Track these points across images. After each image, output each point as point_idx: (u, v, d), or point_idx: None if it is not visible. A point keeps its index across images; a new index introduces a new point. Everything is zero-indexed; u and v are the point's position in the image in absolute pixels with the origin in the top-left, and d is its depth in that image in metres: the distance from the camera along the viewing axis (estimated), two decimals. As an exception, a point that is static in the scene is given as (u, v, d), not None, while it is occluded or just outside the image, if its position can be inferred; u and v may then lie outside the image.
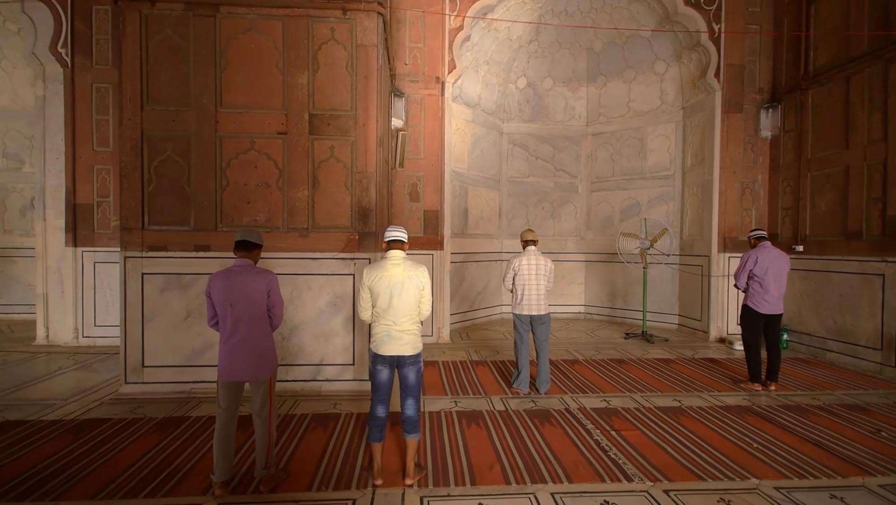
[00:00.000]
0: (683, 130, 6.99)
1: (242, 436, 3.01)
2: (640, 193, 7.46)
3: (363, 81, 4.04)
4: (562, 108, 7.97)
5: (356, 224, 4.06)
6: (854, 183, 5.07)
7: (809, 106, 5.67)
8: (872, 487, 2.58)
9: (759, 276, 4.18)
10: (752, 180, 6.32)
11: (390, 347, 2.53)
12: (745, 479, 2.64)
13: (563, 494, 2.48)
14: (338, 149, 4.05)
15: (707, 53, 6.24)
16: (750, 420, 3.53)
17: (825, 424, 3.47)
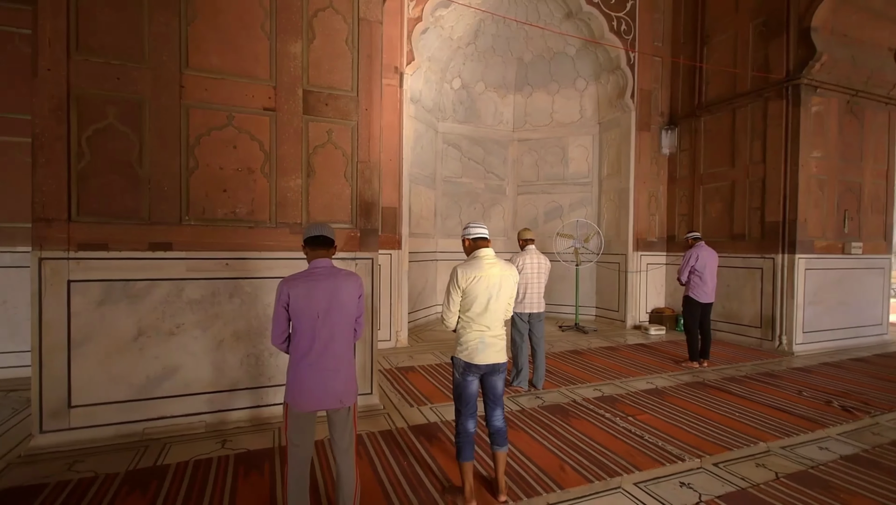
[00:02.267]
0: (600, 143, 7.88)
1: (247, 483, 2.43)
2: (562, 197, 8.17)
3: (366, 61, 3.61)
4: (492, 113, 8.27)
5: (358, 220, 3.61)
6: (739, 195, 6.37)
7: (702, 130, 6.92)
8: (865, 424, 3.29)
9: (699, 270, 4.97)
10: (656, 190, 7.46)
11: (486, 355, 2.33)
12: (755, 443, 3.11)
13: (643, 482, 2.59)
14: (336, 133, 3.54)
15: (625, 77, 7.14)
16: (713, 393, 4.17)
17: (770, 391, 4.29)
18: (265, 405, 3.36)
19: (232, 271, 3.24)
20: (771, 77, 5.92)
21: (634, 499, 2.42)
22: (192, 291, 3.15)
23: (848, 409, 3.76)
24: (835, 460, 2.87)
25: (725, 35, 6.59)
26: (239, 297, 3.27)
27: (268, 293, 3.33)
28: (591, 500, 2.41)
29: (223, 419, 3.24)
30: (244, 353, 3.30)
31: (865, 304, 6.33)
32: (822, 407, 3.82)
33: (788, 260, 5.77)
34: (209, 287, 3.19)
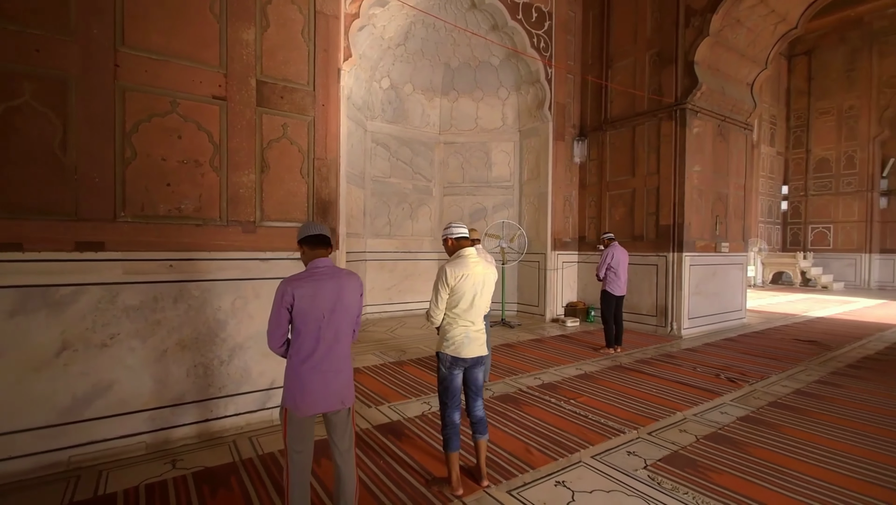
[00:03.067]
0: (521, 149, 8.45)
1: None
2: (486, 199, 8.60)
3: (323, 55, 3.51)
4: (419, 115, 8.40)
5: (314, 218, 3.50)
6: (638, 201, 7.31)
7: (608, 143, 7.81)
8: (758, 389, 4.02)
9: (615, 267, 5.64)
10: (570, 195, 8.22)
11: (472, 349, 2.47)
12: (673, 414, 3.68)
13: (598, 455, 2.94)
14: (292, 128, 3.40)
15: (543, 90, 7.77)
16: (631, 374, 4.79)
17: (672, 369, 5.03)
18: (215, 418, 3.11)
19: (177, 274, 2.95)
20: (663, 100, 6.91)
21: (595, 470, 2.73)
22: (130, 296, 2.80)
23: (732, 379, 4.60)
24: (733, 421, 3.52)
25: (626, 61, 7.52)
26: (185, 301, 2.98)
27: (218, 296, 3.09)
28: (560, 474, 2.67)
29: (167, 438, 2.93)
30: (191, 363, 3.02)
31: (731, 293, 7.69)
32: (713, 379, 4.61)
33: (677, 258, 6.79)
34: (150, 291, 2.87)
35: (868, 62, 14.29)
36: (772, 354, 5.68)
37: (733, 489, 2.50)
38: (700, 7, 6.52)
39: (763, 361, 5.32)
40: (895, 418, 3.58)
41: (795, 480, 2.61)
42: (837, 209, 15.25)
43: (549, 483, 2.57)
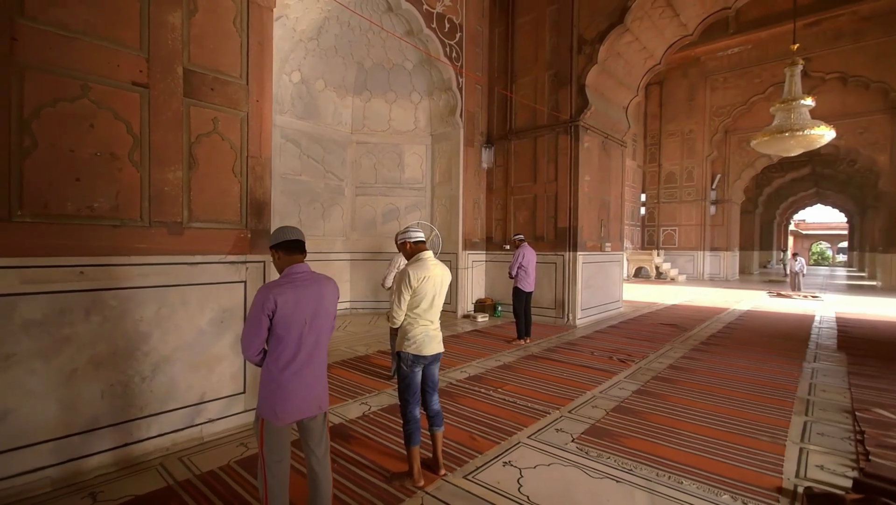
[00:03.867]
0: (433, 153, 8.73)
1: None
2: (398, 200, 8.71)
3: (257, 48, 3.34)
4: (331, 112, 8.19)
5: (248, 220, 3.31)
6: (539, 205, 8.08)
7: (513, 151, 8.47)
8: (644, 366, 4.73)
9: (525, 266, 6.20)
10: (478, 198, 8.74)
11: (432, 346, 2.62)
12: (583, 393, 4.25)
13: (532, 435, 3.29)
14: (224, 123, 3.17)
15: (455, 97, 8.14)
16: (542, 361, 5.34)
17: (575, 355, 5.71)
18: (136, 441, 2.78)
19: (89, 282, 2.58)
20: (560, 116, 7.75)
21: (533, 448, 3.07)
22: (30, 309, 2.39)
23: (622, 360, 5.40)
24: (630, 395, 4.18)
25: (528, 78, 8.25)
26: (100, 313, 2.63)
27: (140, 306, 2.78)
28: (505, 456, 2.96)
29: (78, 469, 2.56)
30: (107, 382, 2.67)
31: (611, 286, 8.91)
32: (608, 361, 5.37)
33: (573, 256, 7.68)
34: (55, 303, 2.47)
35: (703, 94, 17.49)
36: (647, 337, 6.76)
37: (642, 450, 3.03)
38: (590, 38, 7.45)
39: (642, 343, 6.32)
40: (739, 381, 4.59)
41: (684, 438, 3.25)
42: (681, 214, 18.39)
43: (497, 464, 2.83)
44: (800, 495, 2.49)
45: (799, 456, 2.99)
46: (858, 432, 3.33)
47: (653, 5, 7.21)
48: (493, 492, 2.50)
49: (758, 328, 7.68)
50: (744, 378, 4.72)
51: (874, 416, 3.63)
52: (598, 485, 2.59)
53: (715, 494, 2.49)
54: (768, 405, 3.91)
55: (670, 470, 2.76)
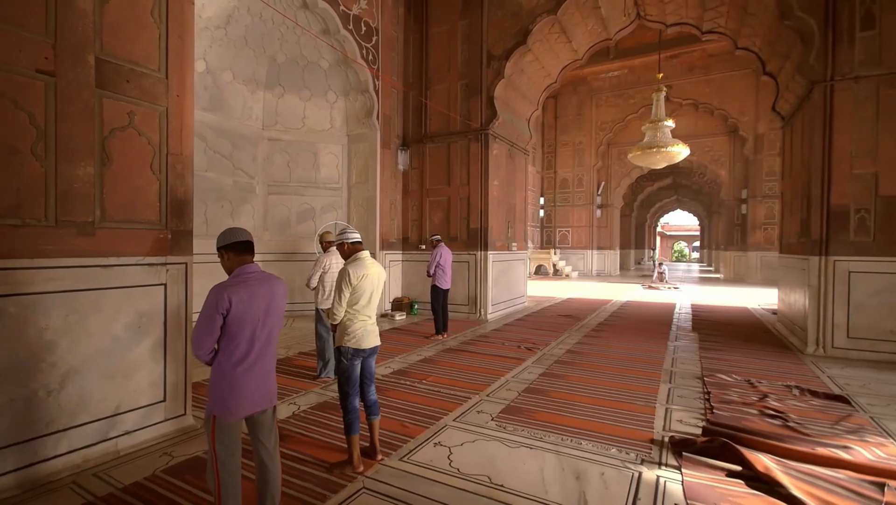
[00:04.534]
0: (349, 153, 8.73)
1: None
2: (314, 200, 8.57)
3: (177, 41, 3.20)
4: (240, 106, 7.78)
5: (168, 220, 3.17)
6: (453, 207, 8.55)
7: (428, 154, 8.83)
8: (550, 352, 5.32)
9: (443, 265, 6.58)
10: (395, 199, 8.94)
11: (370, 340, 2.81)
12: (498, 379, 4.72)
13: (457, 418, 3.64)
14: (140, 117, 3.01)
15: (372, 99, 8.26)
16: (460, 354, 5.75)
17: (488, 346, 6.22)
18: (42, 460, 2.56)
19: (-15, 287, 2.33)
20: (472, 125, 8.29)
21: (459, 428, 3.41)
22: None
23: (529, 348, 6.04)
24: (537, 377, 4.74)
25: (442, 85, 8.67)
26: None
27: (45, 313, 2.56)
28: (434, 438, 3.25)
29: (-29, 497, 2.30)
30: (7, 397, 2.42)
31: (517, 283, 9.72)
32: (517, 350, 5.96)
33: (484, 256, 8.27)
34: (-58, 312, 2.20)
35: (590, 110, 19.60)
36: (548, 327, 7.57)
37: (549, 421, 3.54)
38: (498, 54, 8.09)
39: (544, 333, 7.08)
40: (621, 360, 5.44)
41: (581, 409, 3.84)
42: (573, 217, 20.41)
43: (428, 446, 3.12)
44: (665, 443, 3.15)
45: (665, 414, 3.73)
46: (706, 393, 4.23)
47: (550, 30, 8.06)
48: (427, 469, 2.78)
49: (634, 316, 8.99)
50: (624, 357, 5.60)
51: (717, 379, 4.60)
52: (516, 453, 3.01)
53: (605, 449, 3.05)
54: (643, 377, 4.73)
55: (571, 434, 3.28)
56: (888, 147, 5.43)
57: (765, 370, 5.02)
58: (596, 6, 7.86)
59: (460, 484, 2.59)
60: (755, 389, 4.27)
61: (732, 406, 3.83)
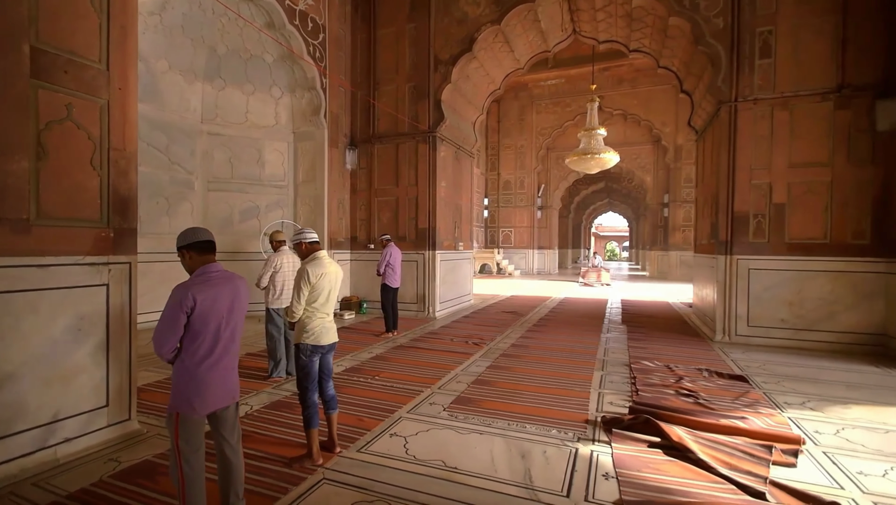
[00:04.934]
0: (295, 151, 8.57)
1: None
2: (258, 198, 8.32)
3: (119, 31, 3.09)
4: (177, 97, 7.40)
5: (111, 218, 3.05)
6: (401, 207, 8.67)
7: (376, 154, 8.88)
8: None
9: (393, 264, 6.70)
10: (343, 198, 8.90)
11: (329, 336, 2.91)
12: (448, 372, 4.94)
13: (411, 410, 3.80)
14: (80, 110, 2.88)
15: (319, 97, 8.17)
16: (410, 350, 5.92)
17: (438, 342, 6.42)
18: (-29, 474, 2.40)
19: None
20: (420, 127, 8.46)
21: (413, 420, 3.58)
22: None
23: (476, 343, 6.32)
24: (485, 370, 5.02)
25: (391, 86, 8.76)
26: (-80, 326, 2.21)
27: (-25, 316, 2.40)
28: (390, 429, 3.39)
29: None
30: (-70, 407, 2.26)
31: (464, 281, 10.03)
32: (465, 345, 6.22)
33: (432, 255, 8.47)
34: None
35: (531, 116, 20.47)
36: (493, 323, 7.93)
37: (497, 409, 3.80)
38: (445, 59, 8.32)
39: (490, 328, 7.41)
40: (560, 351, 5.87)
41: (525, 396, 4.15)
42: (516, 217, 21.21)
43: (385, 437, 3.26)
44: (598, 422, 3.52)
45: (598, 398, 4.13)
46: (632, 378, 4.71)
47: (494, 39, 8.42)
48: (385, 458, 2.93)
49: (572, 311, 9.62)
50: (563, 348, 6.05)
51: (641, 366, 5.13)
52: (467, 438, 3.23)
53: (547, 431, 3.36)
54: (579, 366, 5.17)
55: (517, 420, 3.56)
56: (779, 161, 6.30)
57: (681, 356, 5.65)
58: (536, 20, 8.33)
59: (417, 469, 2.77)
60: (673, 373, 4.83)
61: (654, 388, 4.32)
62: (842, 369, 5.13)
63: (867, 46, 5.92)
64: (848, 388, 4.46)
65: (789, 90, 6.21)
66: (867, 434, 3.35)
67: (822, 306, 6.15)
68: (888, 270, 5.82)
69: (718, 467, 2.74)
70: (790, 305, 6.27)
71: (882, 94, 5.83)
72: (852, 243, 6.04)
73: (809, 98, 6.14)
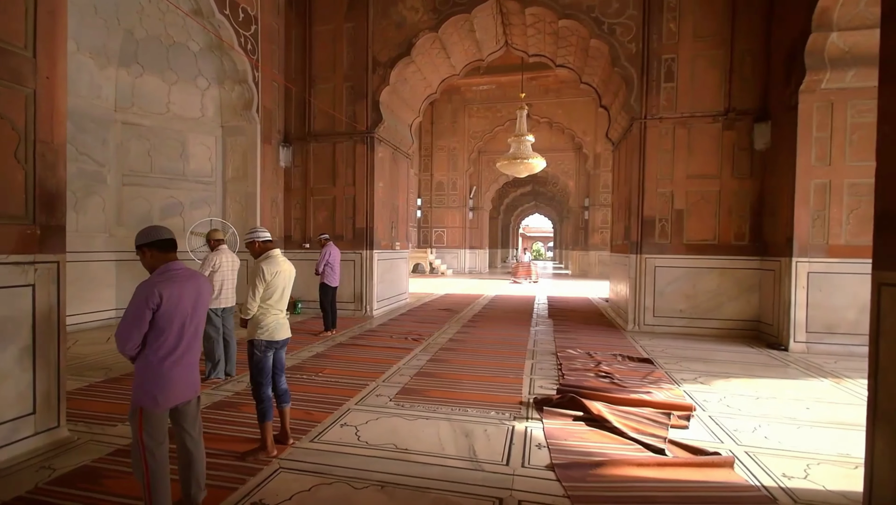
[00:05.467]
0: (224, 146, 8.20)
1: None
2: (181, 194, 7.86)
3: (48, 17, 2.92)
4: (86, 82, 6.78)
5: (37, 214, 2.88)
6: (339, 207, 8.66)
7: (312, 153, 8.77)
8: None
9: (332, 263, 6.72)
10: (276, 196, 8.68)
11: (283, 332, 3.00)
12: (391, 366, 5.14)
13: (359, 402, 3.95)
14: (3, 99, 2.69)
15: (251, 91, 7.90)
16: (351, 348, 6.01)
17: (378, 339, 6.56)
18: None
19: None
20: (358, 127, 8.51)
21: (361, 410, 3.74)
22: None
23: (415, 339, 6.55)
24: (425, 363, 5.28)
25: (328, 85, 8.70)
26: None
27: None
28: (340, 420, 3.52)
29: None
30: None
31: (400, 280, 10.21)
32: (404, 341, 6.43)
33: (369, 254, 8.56)
34: None
35: (463, 119, 21.10)
36: (430, 320, 8.21)
37: (440, 397, 4.07)
38: (384, 61, 8.45)
39: (427, 325, 7.69)
40: (495, 343, 6.30)
41: (465, 384, 4.47)
42: (448, 218, 21.73)
43: (336, 427, 3.39)
44: (530, 403, 3.92)
45: (530, 383, 4.57)
46: (558, 364, 5.23)
47: (431, 46, 8.71)
48: (339, 445, 3.07)
49: (503, 307, 10.20)
50: (497, 341, 6.49)
51: (566, 354, 5.69)
52: (415, 424, 3.46)
53: (486, 413, 3.69)
54: (512, 356, 5.61)
55: (459, 405, 3.86)
56: (679, 172, 7.26)
57: (599, 344, 6.33)
58: (472, 30, 8.74)
59: (370, 453, 2.95)
60: (592, 359, 5.43)
61: (577, 372, 4.86)
62: (726, 351, 6.08)
63: (748, 77, 7.02)
64: (730, 365, 5.33)
65: (688, 111, 7.18)
66: (742, 400, 4.09)
67: (712, 298, 7.19)
68: (761, 266, 6.97)
69: (629, 432, 3.24)
70: (687, 298, 7.25)
71: (759, 118, 6.95)
72: (735, 244, 7.13)
73: (703, 119, 7.15)
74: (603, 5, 7.42)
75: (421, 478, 2.65)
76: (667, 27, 7.20)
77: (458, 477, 2.67)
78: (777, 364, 5.43)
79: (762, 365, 5.36)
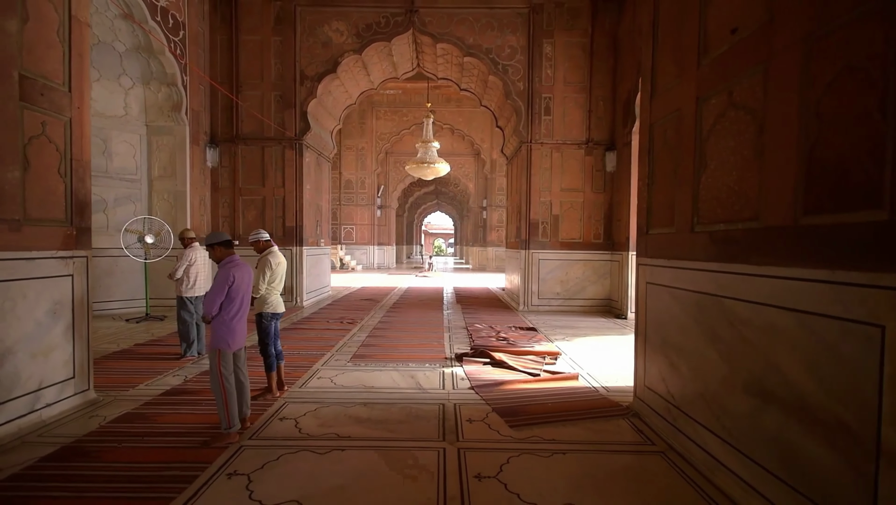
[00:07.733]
0: (150, 145, 8.36)
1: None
2: (105, 191, 7.89)
3: (78, 59, 3.59)
4: (4, 77, 6.64)
5: (73, 218, 3.57)
6: (268, 206, 9.31)
7: (240, 154, 9.27)
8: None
9: (272, 258, 7.52)
10: (204, 196, 9.03)
11: (282, 307, 4.10)
12: (326, 353, 6.27)
13: (324, 364, 5.09)
14: (51, 127, 3.38)
15: (180, 94, 8.22)
16: (295, 331, 6.96)
17: (316, 324, 7.57)
18: (-16, 432, 2.88)
19: (-57, 278, 2.62)
20: (286, 133, 9.26)
21: (329, 368, 4.88)
22: None
23: (350, 322, 7.69)
24: (366, 338, 6.50)
25: (256, 92, 9.28)
26: (-48, 308, 2.67)
27: (-13, 301, 2.88)
28: (315, 375, 4.64)
29: (-66, 464, 2.59)
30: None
31: (324, 274, 11.08)
32: (341, 324, 7.53)
33: (299, 251, 9.37)
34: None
35: (371, 121, 22.05)
36: (357, 308, 9.35)
37: (386, 358, 5.37)
38: (311, 75, 9.30)
39: (356, 312, 8.83)
40: (417, 323, 7.72)
41: (402, 349, 5.82)
42: (357, 215, 22.54)
43: (314, 379, 4.52)
44: (452, 357, 5.42)
45: (450, 346, 6.07)
46: (469, 334, 6.83)
47: (354, 64, 9.77)
48: (321, 389, 4.24)
49: (417, 297, 11.66)
50: (418, 321, 7.92)
51: (474, 328, 7.34)
52: (372, 374, 4.74)
53: (422, 364, 5.10)
54: (433, 330, 7.09)
55: (402, 361, 5.20)
56: (555, 186, 9.38)
57: (498, 320, 8.11)
58: (390, 53, 9.99)
59: (347, 389, 4.18)
60: (493, 329, 7.15)
61: (483, 338, 6.50)
62: (586, 320, 8.27)
63: (602, 117, 9.36)
64: (587, 329, 7.43)
65: (560, 139, 9.32)
66: (590, 349, 6.06)
67: (579, 283, 9.45)
68: (612, 259, 9.37)
69: (519, 367, 4.90)
70: (562, 283, 9.42)
71: (609, 148, 9.32)
72: (594, 242, 9.46)
73: (571, 146, 9.35)
74: (498, 49, 9.23)
75: (389, 399, 3.97)
76: (545, 72, 9.24)
77: (412, 397, 4.04)
78: (617, 328, 7.68)
79: (607, 329, 7.57)
